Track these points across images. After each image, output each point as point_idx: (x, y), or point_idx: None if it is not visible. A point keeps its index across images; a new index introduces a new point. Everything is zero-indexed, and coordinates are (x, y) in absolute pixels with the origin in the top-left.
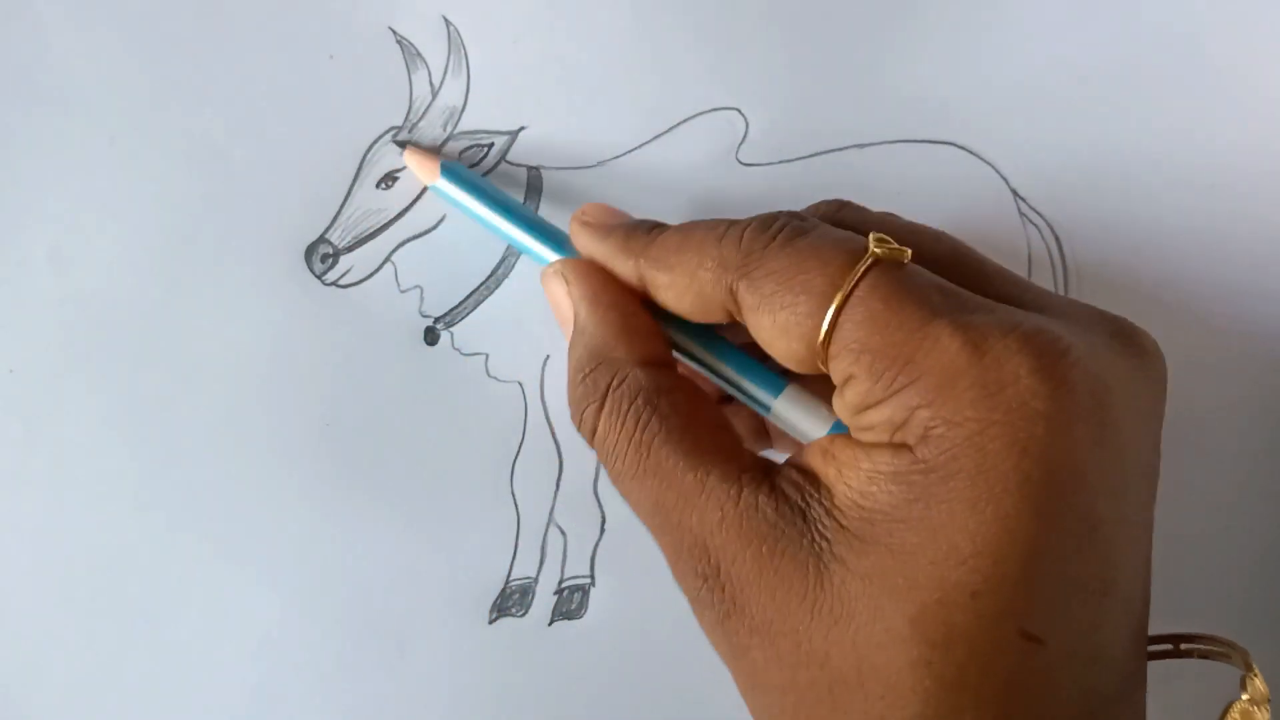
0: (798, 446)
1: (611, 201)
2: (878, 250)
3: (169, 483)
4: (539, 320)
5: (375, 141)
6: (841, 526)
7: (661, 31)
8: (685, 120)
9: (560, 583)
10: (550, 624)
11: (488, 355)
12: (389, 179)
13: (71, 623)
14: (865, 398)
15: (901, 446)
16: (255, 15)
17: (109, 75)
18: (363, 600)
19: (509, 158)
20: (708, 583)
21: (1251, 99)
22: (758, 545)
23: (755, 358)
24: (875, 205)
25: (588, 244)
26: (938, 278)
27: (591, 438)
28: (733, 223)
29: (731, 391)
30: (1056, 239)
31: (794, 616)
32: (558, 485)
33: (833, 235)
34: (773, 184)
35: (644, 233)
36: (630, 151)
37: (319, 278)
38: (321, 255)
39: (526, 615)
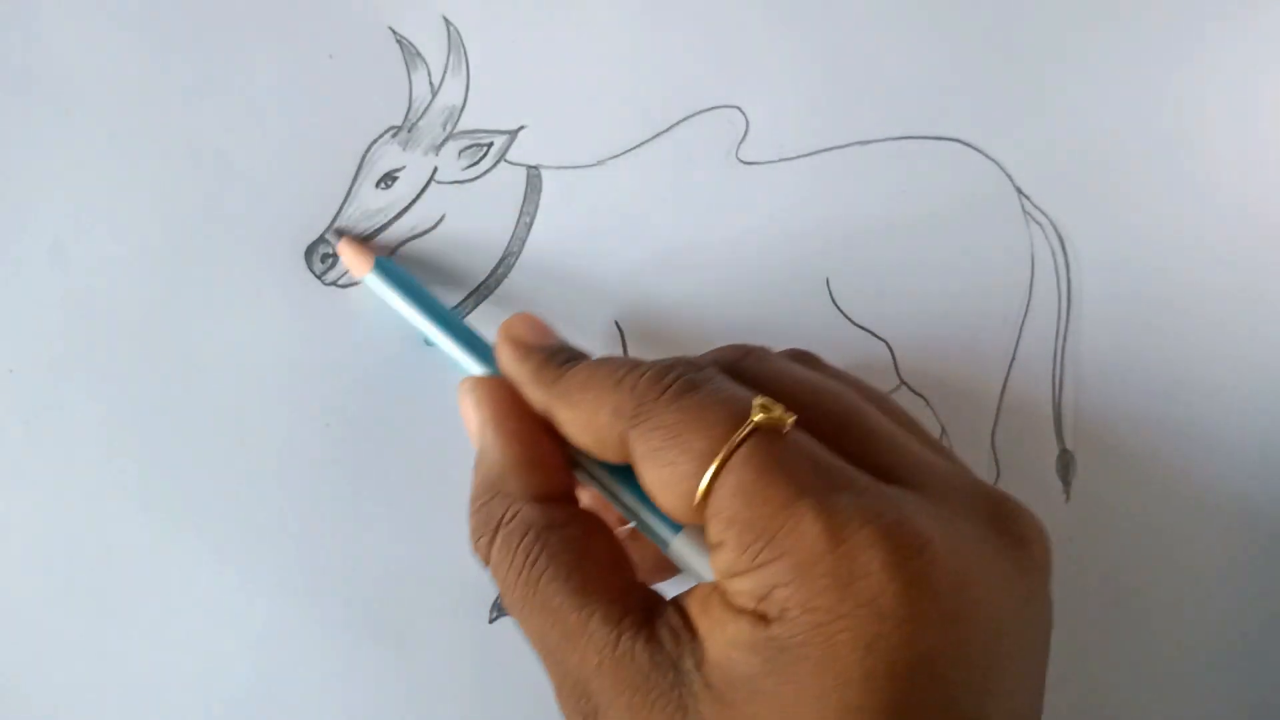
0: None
1: (611, 201)
2: (757, 417)
3: (169, 482)
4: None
5: (375, 141)
6: (708, 685)
7: (661, 30)
8: (685, 119)
9: None
10: None
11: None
12: (389, 179)
13: (71, 622)
14: (732, 565)
15: (761, 618)
16: (255, 15)
17: (109, 75)
18: (363, 600)
19: (508, 157)
20: None
21: (1252, 99)
22: (629, 695)
23: None
24: (879, 203)
25: (506, 361)
26: (818, 448)
27: (485, 563)
28: (632, 368)
29: (633, 522)
30: (1060, 237)
31: None
32: None
33: (721, 394)
34: (774, 182)
35: (557, 365)
36: (630, 150)
37: (319, 278)
38: (322, 255)
39: None
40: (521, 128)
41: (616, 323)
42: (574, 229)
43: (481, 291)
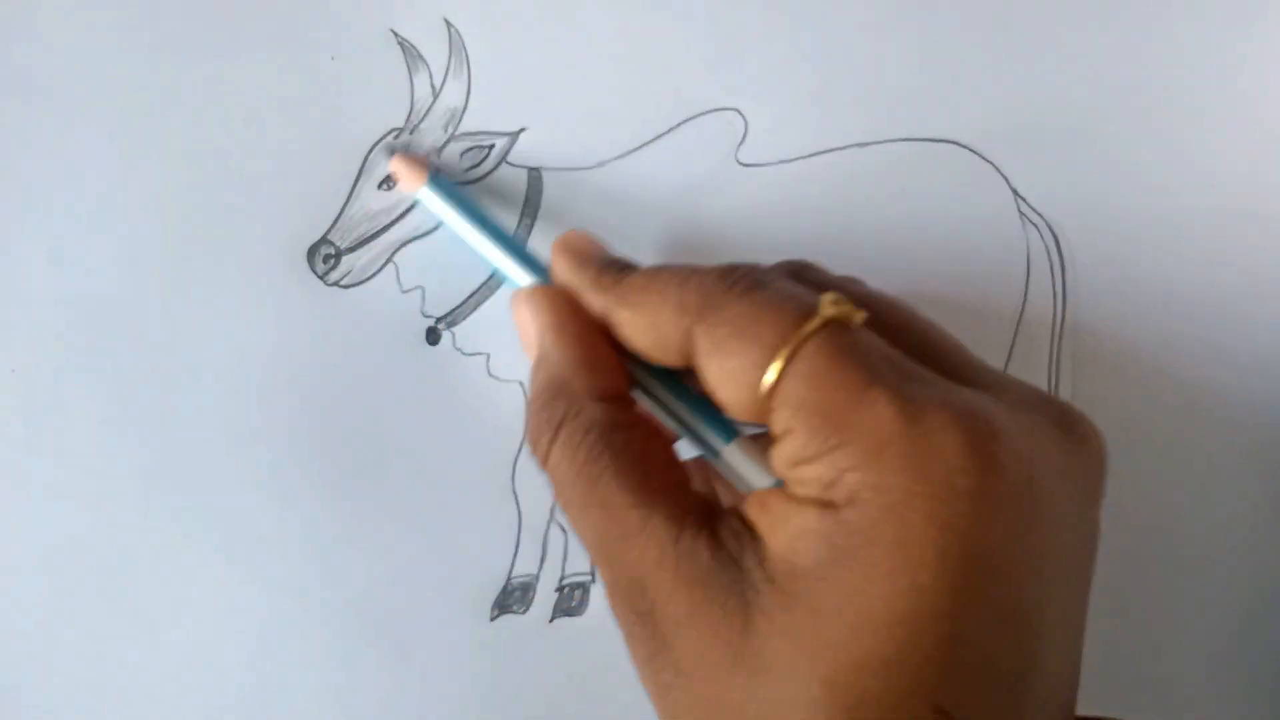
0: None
1: (612, 202)
2: (830, 310)
3: (169, 483)
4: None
5: (377, 143)
6: (770, 580)
7: (661, 32)
8: (685, 121)
9: (561, 580)
10: (551, 621)
11: (489, 355)
12: (390, 180)
13: (72, 623)
14: (800, 452)
15: (829, 505)
16: (256, 16)
17: (109, 75)
18: (363, 599)
19: (510, 159)
20: (641, 619)
21: (1252, 99)
22: (691, 589)
23: (712, 406)
24: (877, 204)
25: (563, 270)
26: (886, 345)
27: (544, 464)
28: (696, 269)
29: (683, 434)
30: (1056, 239)
31: (717, 664)
32: None
33: (789, 290)
34: (773, 184)
35: (616, 270)
36: (630, 152)
37: (321, 278)
38: (324, 256)
39: (527, 612)
40: (523, 130)
41: None
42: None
43: (483, 292)
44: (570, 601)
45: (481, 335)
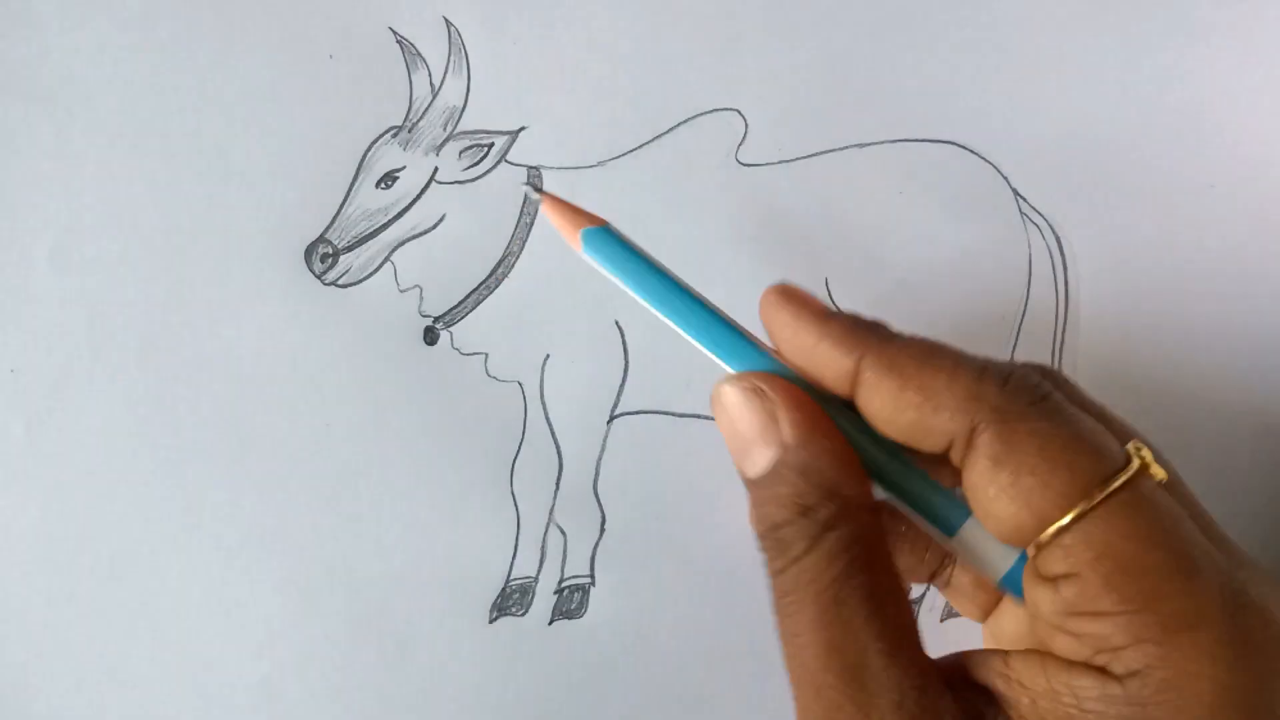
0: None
1: (612, 202)
2: (1137, 463)
3: (169, 482)
4: (538, 320)
5: (376, 141)
6: None
7: (661, 33)
8: (685, 121)
9: (560, 582)
10: (550, 623)
11: (487, 355)
12: (389, 179)
13: (72, 622)
14: (1088, 603)
15: (1104, 673)
16: (255, 15)
17: (109, 75)
18: (363, 599)
19: (509, 158)
20: None
21: (1251, 99)
22: None
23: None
24: (877, 204)
25: (796, 323)
26: (1185, 511)
27: (785, 566)
28: (990, 361)
29: (911, 511)
30: (1057, 238)
31: None
32: (558, 485)
33: (1096, 426)
34: (773, 184)
35: (876, 327)
36: (630, 152)
37: (319, 278)
38: (321, 255)
39: (527, 614)
40: (522, 129)
41: (617, 323)
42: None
43: (481, 291)
44: (569, 604)
45: (480, 335)
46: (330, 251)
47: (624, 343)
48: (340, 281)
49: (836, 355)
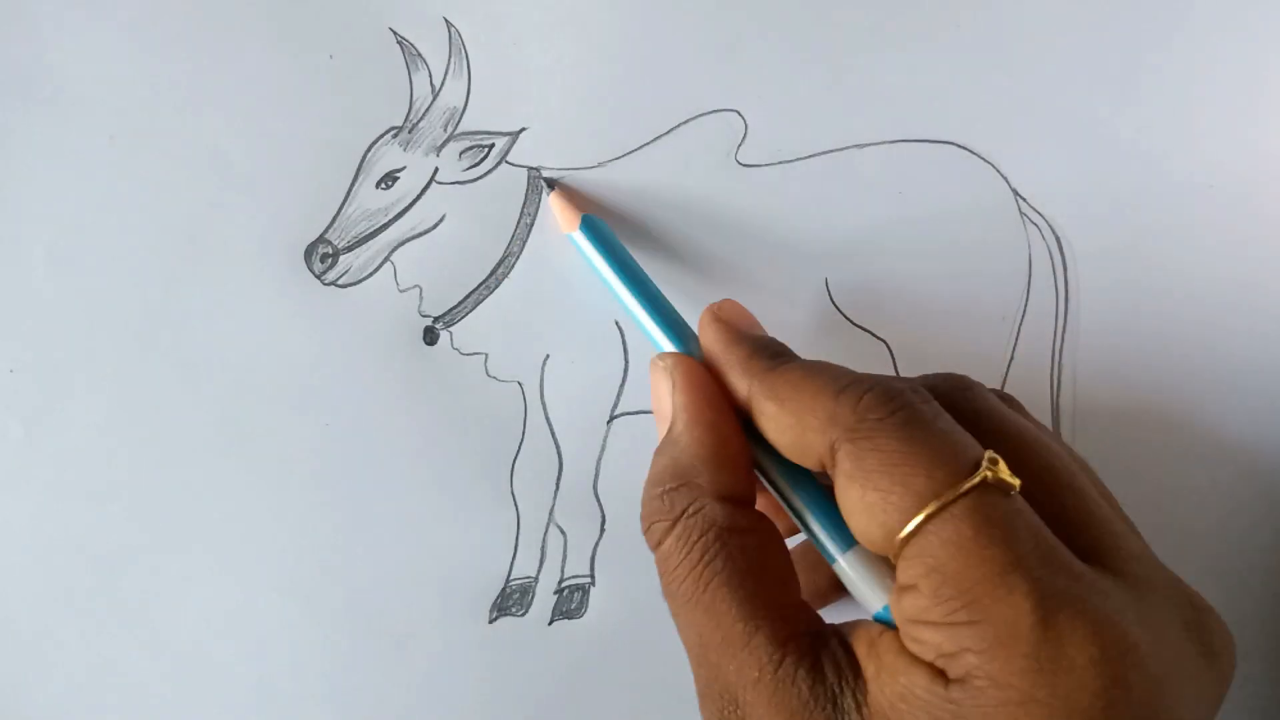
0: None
1: (612, 203)
2: (987, 473)
3: (169, 482)
4: (538, 320)
5: (376, 142)
6: None
7: (661, 34)
8: (685, 122)
9: (560, 582)
10: (550, 623)
11: (487, 355)
12: (389, 179)
13: (71, 622)
14: (922, 614)
15: (940, 675)
16: (255, 15)
17: (109, 75)
18: (363, 600)
19: (509, 158)
20: None
21: (1251, 99)
22: (785, 716)
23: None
24: (877, 205)
25: (712, 343)
26: (1036, 520)
27: (654, 548)
28: (856, 380)
29: (803, 530)
30: (1057, 238)
31: None
32: (557, 485)
33: (951, 437)
34: (773, 184)
35: (768, 357)
36: (630, 153)
37: (318, 278)
38: (321, 255)
39: (526, 614)
40: (523, 129)
41: (617, 322)
42: (566, 237)
43: (481, 291)
44: (569, 604)
45: (479, 335)
46: (330, 251)
47: (624, 343)
48: (340, 281)
49: (735, 377)
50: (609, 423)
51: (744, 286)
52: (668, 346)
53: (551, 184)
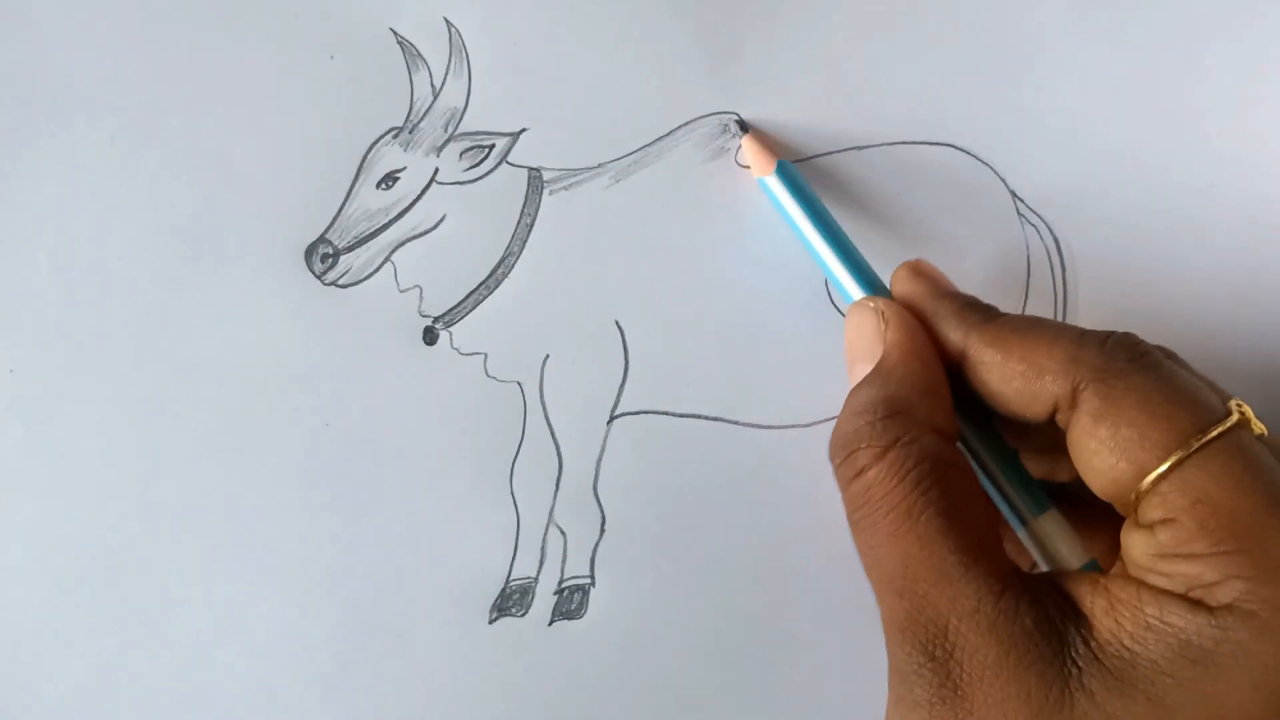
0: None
1: (612, 203)
2: (1235, 417)
3: (169, 483)
4: (538, 320)
5: (376, 142)
6: (1097, 660)
7: (661, 35)
8: (685, 123)
9: (560, 582)
10: (550, 624)
11: (487, 355)
12: (390, 179)
13: (71, 623)
14: (1182, 546)
15: (1198, 604)
16: (256, 15)
17: (109, 75)
18: (363, 600)
19: (510, 159)
20: (932, 662)
21: (1251, 99)
22: (1006, 647)
23: (1027, 472)
24: (875, 207)
25: (920, 295)
26: None
27: (853, 478)
28: (1088, 330)
29: (993, 493)
30: (1055, 240)
31: None
32: (557, 485)
33: (1197, 381)
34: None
35: (982, 309)
36: (630, 154)
37: (319, 278)
38: (321, 255)
39: (526, 615)
40: (523, 130)
41: (617, 322)
42: (574, 230)
43: (481, 291)
44: (569, 604)
45: (479, 335)
46: (330, 252)
47: (624, 343)
48: (340, 282)
49: (948, 328)
50: (609, 423)
51: (744, 286)
52: (858, 293)
53: (745, 126)
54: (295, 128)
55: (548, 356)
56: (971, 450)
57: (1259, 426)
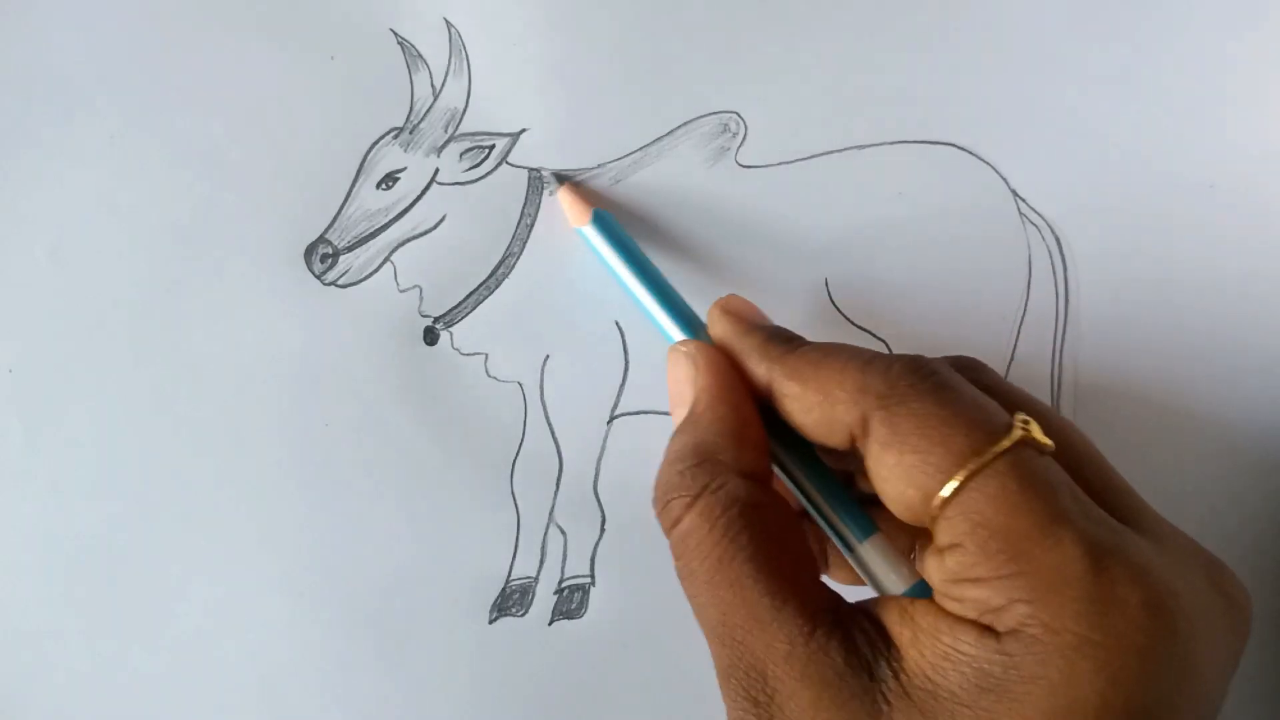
0: (848, 576)
1: (612, 203)
2: (1022, 433)
3: (169, 483)
4: (538, 320)
5: (376, 143)
6: (905, 693)
7: (661, 34)
8: (685, 123)
9: (560, 582)
10: (550, 623)
11: (487, 355)
12: (390, 180)
13: (72, 622)
14: (967, 570)
15: (988, 630)
16: (256, 16)
17: (109, 75)
18: (363, 600)
19: (510, 159)
20: (758, 708)
21: (1251, 99)
22: (820, 689)
23: (849, 496)
24: (876, 206)
25: (727, 333)
26: (1069, 479)
27: (670, 528)
28: (877, 354)
29: (816, 519)
30: (1056, 238)
31: None
32: (558, 485)
33: (982, 399)
34: (773, 185)
35: (783, 341)
36: (630, 153)
37: (319, 278)
38: (321, 255)
39: (526, 615)
40: (523, 130)
41: (617, 323)
42: (575, 230)
43: (481, 291)
44: (569, 604)
45: (480, 335)
46: (330, 252)
47: (624, 343)
48: (340, 282)
49: (753, 363)
50: (609, 423)
51: (744, 287)
52: (680, 337)
53: (561, 179)
54: (295, 128)
55: (548, 356)
56: (794, 480)
57: (1044, 441)
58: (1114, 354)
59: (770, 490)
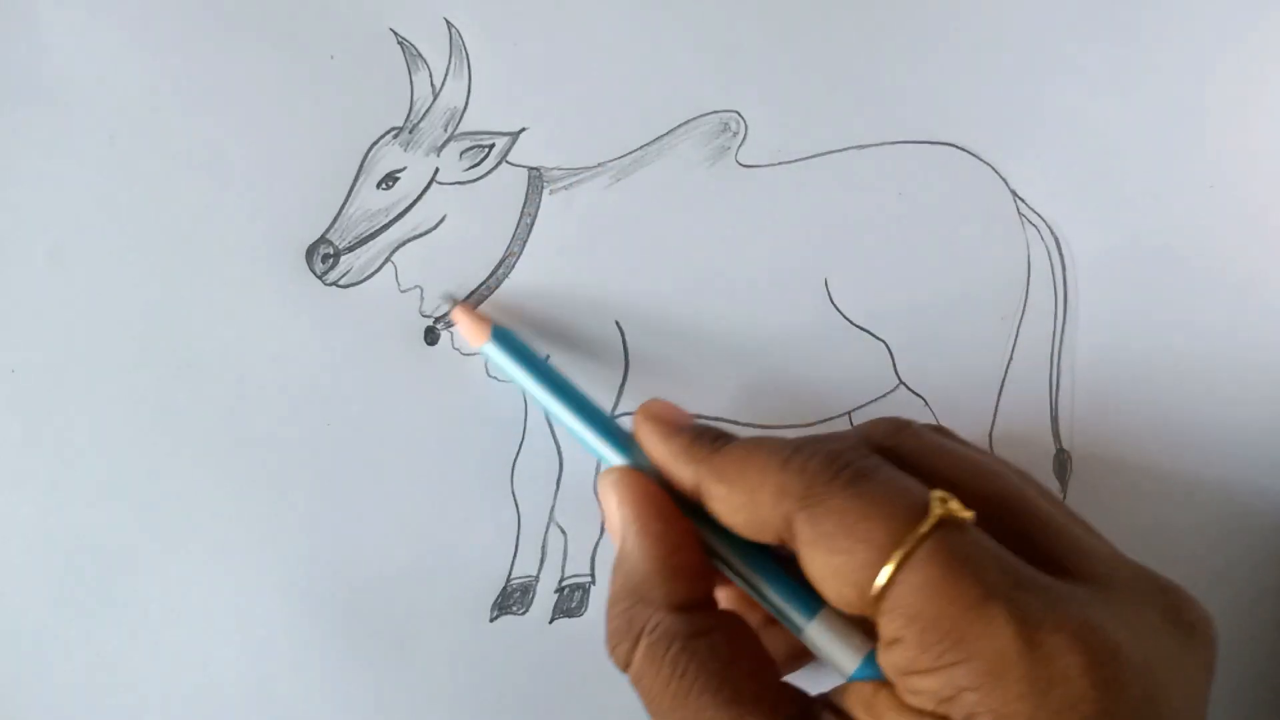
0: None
1: (612, 203)
2: (938, 511)
3: (169, 483)
4: (539, 320)
5: (376, 142)
6: None
7: (662, 34)
8: (686, 122)
9: (561, 581)
10: (551, 622)
11: (487, 355)
12: (390, 179)
13: (71, 623)
14: (913, 663)
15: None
16: (256, 15)
17: (109, 75)
18: (363, 599)
19: (510, 158)
20: None
21: (1252, 99)
22: None
23: (795, 577)
24: (876, 206)
25: (650, 441)
26: (997, 547)
27: (625, 669)
28: (798, 448)
29: (766, 607)
30: (1056, 239)
31: None
32: (558, 484)
33: (898, 484)
34: (773, 184)
35: (708, 441)
36: (631, 153)
37: (319, 278)
38: (322, 256)
39: (527, 613)
40: (523, 130)
41: (617, 323)
42: (575, 230)
43: (482, 291)
44: (570, 602)
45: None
46: (331, 252)
47: (624, 343)
48: (341, 282)
49: (679, 468)
50: None
51: (744, 286)
52: (604, 450)
53: (454, 300)
54: (295, 127)
55: (548, 357)
56: (735, 572)
57: (963, 515)
58: (1113, 354)
59: (709, 614)
